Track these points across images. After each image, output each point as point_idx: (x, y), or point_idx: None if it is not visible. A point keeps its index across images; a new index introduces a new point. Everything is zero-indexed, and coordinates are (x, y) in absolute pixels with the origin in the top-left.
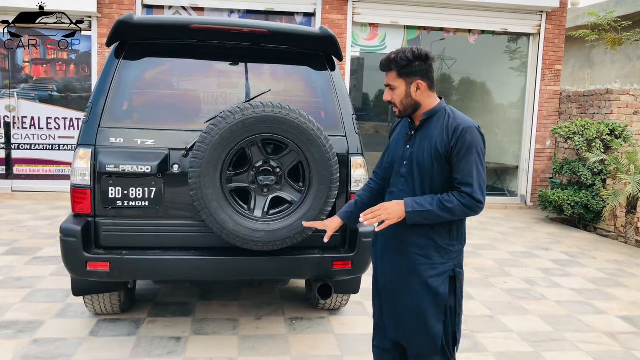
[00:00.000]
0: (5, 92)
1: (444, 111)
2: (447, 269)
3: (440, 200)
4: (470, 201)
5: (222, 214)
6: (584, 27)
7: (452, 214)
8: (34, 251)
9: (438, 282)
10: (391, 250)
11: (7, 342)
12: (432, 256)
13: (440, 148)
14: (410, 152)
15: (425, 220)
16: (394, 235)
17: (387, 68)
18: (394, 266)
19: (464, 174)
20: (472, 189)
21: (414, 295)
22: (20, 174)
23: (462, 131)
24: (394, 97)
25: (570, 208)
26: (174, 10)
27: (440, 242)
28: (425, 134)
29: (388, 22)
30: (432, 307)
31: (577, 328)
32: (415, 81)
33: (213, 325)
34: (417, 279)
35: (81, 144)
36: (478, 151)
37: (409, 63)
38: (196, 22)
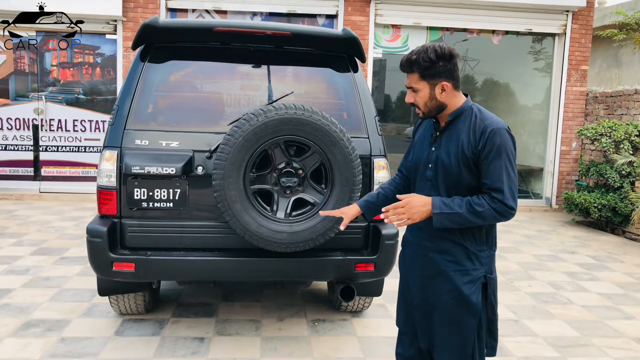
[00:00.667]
0: (33, 96)
1: (471, 110)
2: (479, 275)
3: (470, 203)
4: (502, 207)
5: (245, 215)
6: (612, 26)
7: (483, 218)
8: (61, 251)
9: (471, 290)
10: (420, 258)
11: (35, 340)
12: (463, 263)
13: (467, 151)
14: (436, 154)
15: (452, 224)
16: (422, 243)
17: (409, 69)
18: (423, 274)
19: (494, 179)
20: (503, 195)
21: (446, 303)
22: (48, 176)
23: (491, 133)
24: (417, 100)
25: (597, 211)
26: (197, 14)
27: (470, 248)
28: (451, 135)
29: (410, 23)
30: (465, 316)
31: (605, 333)
32: (440, 83)
33: (236, 326)
34: (449, 286)
35: (107, 145)
36: (508, 154)
37: (432, 64)
38: (219, 25)
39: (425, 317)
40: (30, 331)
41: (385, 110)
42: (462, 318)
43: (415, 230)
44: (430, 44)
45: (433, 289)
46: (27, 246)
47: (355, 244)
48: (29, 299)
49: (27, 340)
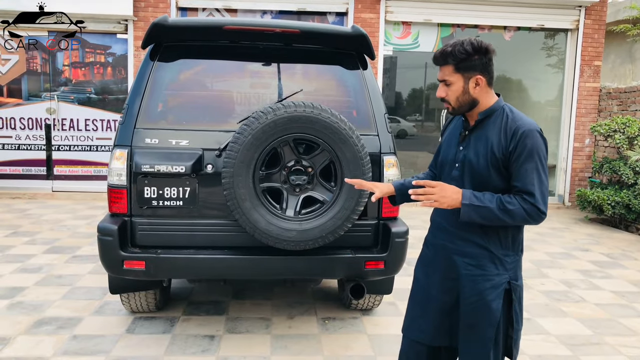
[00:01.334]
0: (46, 95)
1: (502, 110)
2: (503, 281)
3: (502, 200)
4: (533, 209)
5: (254, 213)
6: (625, 21)
7: (512, 217)
8: (74, 250)
9: (492, 296)
10: (442, 260)
11: (48, 338)
12: (486, 267)
13: (497, 152)
14: (464, 154)
15: (479, 218)
16: (445, 244)
17: (443, 61)
18: (445, 277)
19: (525, 182)
20: (535, 199)
21: (466, 307)
22: (60, 175)
23: (522, 134)
24: (449, 94)
25: (610, 208)
26: (207, 12)
27: (495, 252)
28: (480, 135)
29: (421, 20)
30: (484, 322)
31: (619, 332)
32: (475, 76)
33: (246, 324)
34: (469, 290)
35: (117, 144)
36: (540, 157)
37: (467, 56)
38: (229, 23)
39: (446, 318)
40: (43, 329)
41: (396, 108)
42: (481, 324)
43: (438, 232)
44: (466, 37)
45: (454, 292)
46: (40, 244)
47: (365, 241)
48: (41, 296)
49: (40, 337)
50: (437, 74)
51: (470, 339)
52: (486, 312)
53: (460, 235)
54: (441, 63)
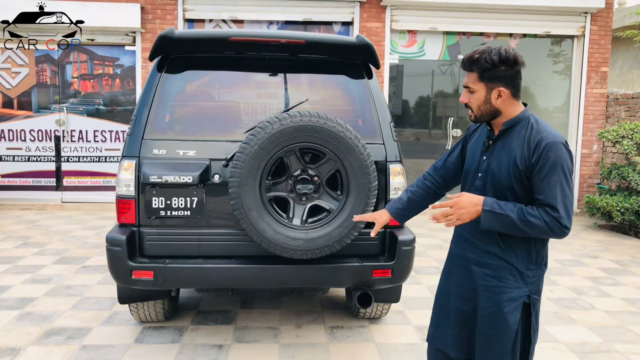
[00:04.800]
0: (55, 107)
1: (527, 121)
2: (522, 294)
3: (523, 211)
4: (555, 224)
5: (261, 222)
6: (632, 27)
7: (533, 229)
8: (83, 260)
9: (509, 308)
10: (462, 269)
11: (57, 348)
12: (505, 279)
13: (519, 164)
14: (487, 164)
15: (499, 226)
16: (466, 254)
17: (468, 68)
18: (464, 286)
19: (547, 195)
20: (558, 213)
21: (483, 319)
22: (70, 186)
23: (546, 147)
24: (471, 101)
25: (619, 214)
26: (214, 24)
27: (515, 265)
28: (504, 145)
29: (427, 29)
30: (500, 335)
31: (629, 339)
32: (497, 88)
33: (254, 333)
34: (486, 302)
35: (125, 155)
36: (564, 170)
37: (493, 66)
38: (235, 35)
39: (464, 329)
40: (53, 339)
41: (402, 116)
42: (497, 336)
43: (461, 241)
44: (497, 46)
45: (472, 302)
46: (50, 255)
47: (372, 250)
48: (51, 307)
49: (50, 348)
50: (464, 79)
51: (487, 350)
52: (502, 324)
53: (480, 245)
54: (467, 69)
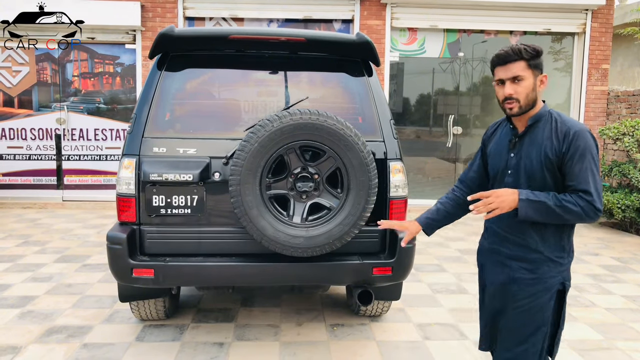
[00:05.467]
0: (56, 106)
1: (550, 115)
2: (556, 282)
3: (557, 197)
4: (589, 207)
5: (261, 220)
6: (633, 24)
7: (568, 214)
8: (84, 258)
9: (545, 298)
10: (495, 264)
11: (58, 346)
12: (541, 270)
13: (550, 154)
14: (517, 160)
15: (536, 215)
16: (498, 249)
17: (517, 57)
18: (498, 281)
19: (580, 181)
20: (592, 197)
21: (517, 309)
22: (70, 184)
23: (574, 135)
24: (519, 91)
25: (620, 212)
26: (214, 22)
27: (549, 255)
28: (531, 140)
29: (427, 26)
30: (534, 324)
31: (630, 336)
32: (541, 75)
33: (255, 331)
34: (523, 293)
35: (126, 153)
36: (593, 156)
37: (536, 55)
38: (234, 33)
39: (490, 322)
40: (54, 337)
41: (403, 114)
42: (531, 326)
43: (493, 237)
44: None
45: (501, 298)
46: (51, 254)
47: (373, 247)
48: (52, 305)
49: (51, 346)
50: (500, 73)
51: (520, 340)
52: (538, 314)
53: (514, 239)
54: (514, 59)
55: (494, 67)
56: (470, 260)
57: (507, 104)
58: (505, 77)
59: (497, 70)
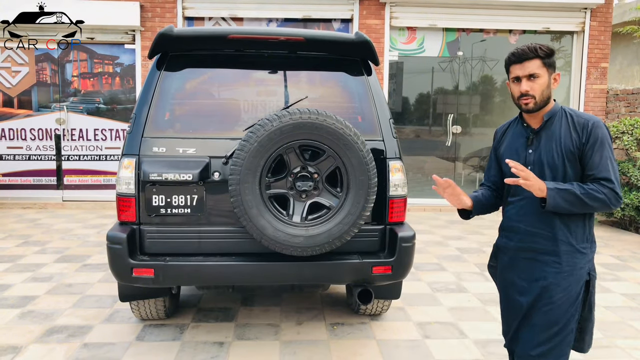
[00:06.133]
0: (55, 106)
1: (562, 111)
2: (584, 272)
3: (582, 186)
4: (612, 194)
5: (261, 219)
6: (632, 22)
7: (594, 200)
8: (84, 258)
9: (577, 289)
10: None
11: (59, 346)
12: (571, 262)
13: (572, 147)
14: (536, 155)
15: (565, 203)
16: (527, 246)
17: (532, 55)
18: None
19: (600, 169)
20: (613, 184)
21: (554, 305)
22: (70, 184)
23: (593, 126)
24: (535, 87)
25: (619, 210)
26: (214, 22)
27: (577, 246)
28: (548, 135)
29: (426, 25)
30: (568, 315)
31: (629, 334)
32: (555, 73)
33: (255, 330)
34: (556, 287)
35: (125, 153)
36: (609, 145)
37: (551, 54)
38: (234, 32)
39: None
40: (54, 337)
41: (402, 113)
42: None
43: (520, 234)
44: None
45: (529, 294)
46: (51, 254)
47: (372, 246)
48: (52, 305)
49: (51, 346)
50: (517, 71)
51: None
52: (571, 307)
53: (545, 234)
54: (530, 57)
55: (510, 65)
56: (469, 259)
57: (523, 100)
58: (522, 74)
59: (513, 68)
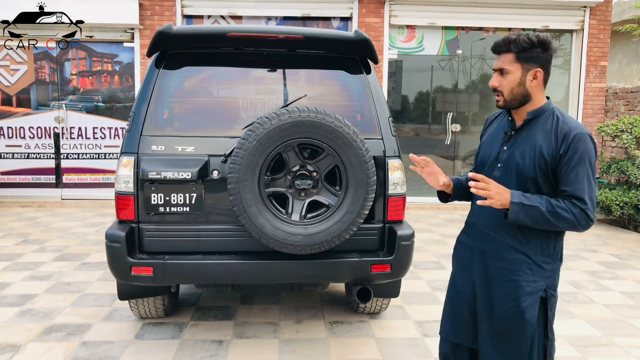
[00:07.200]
0: (54, 104)
1: (552, 112)
2: (539, 288)
3: (550, 203)
4: (582, 215)
5: (260, 218)
6: (631, 21)
7: (560, 221)
8: (83, 257)
9: (527, 303)
10: (478, 263)
11: (57, 345)
12: (523, 273)
13: (546, 155)
14: (509, 154)
15: (526, 219)
16: (482, 247)
17: (505, 48)
18: (480, 281)
19: (575, 187)
20: (586, 206)
21: (501, 314)
22: (69, 183)
23: (575, 138)
24: (503, 84)
25: (619, 209)
26: (213, 20)
27: (533, 258)
28: (527, 136)
29: (425, 24)
30: (519, 330)
31: (628, 333)
32: (534, 69)
33: (254, 328)
34: (504, 297)
35: (124, 152)
36: (591, 162)
37: (531, 46)
38: (232, 31)
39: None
40: (53, 335)
41: (402, 111)
42: (516, 332)
43: (477, 234)
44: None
45: (488, 296)
46: (50, 252)
47: (371, 245)
48: (51, 304)
49: (50, 344)
50: (494, 63)
51: (505, 347)
52: (521, 319)
53: (498, 239)
54: (502, 50)
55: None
56: None
57: (495, 95)
58: (495, 67)
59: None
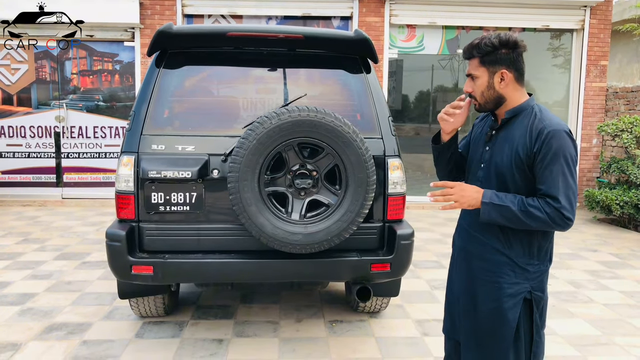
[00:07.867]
0: (55, 104)
1: (532, 110)
2: (522, 290)
3: (524, 202)
4: (557, 214)
5: (260, 217)
6: (631, 20)
7: (533, 220)
8: (83, 256)
9: (509, 305)
10: (462, 261)
11: (58, 343)
12: (505, 275)
13: (521, 153)
14: (490, 154)
15: (500, 218)
16: (466, 247)
17: (469, 55)
18: (464, 279)
19: (549, 185)
20: (559, 204)
21: (482, 313)
22: (70, 182)
23: (548, 135)
24: (475, 88)
25: (619, 208)
26: (213, 19)
27: (515, 260)
28: (507, 134)
29: (425, 23)
30: (498, 331)
31: (628, 332)
32: (499, 71)
33: (254, 327)
34: (486, 297)
35: (124, 151)
36: (567, 159)
37: (493, 49)
38: (233, 30)
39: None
40: (53, 334)
41: (402, 111)
42: (496, 333)
43: (462, 233)
44: (496, 33)
45: (473, 295)
46: (50, 251)
47: (371, 244)
48: (52, 302)
49: (50, 343)
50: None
51: (486, 346)
52: (501, 321)
53: (480, 239)
54: (467, 56)
55: None
56: None
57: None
58: (466, 72)
59: None
